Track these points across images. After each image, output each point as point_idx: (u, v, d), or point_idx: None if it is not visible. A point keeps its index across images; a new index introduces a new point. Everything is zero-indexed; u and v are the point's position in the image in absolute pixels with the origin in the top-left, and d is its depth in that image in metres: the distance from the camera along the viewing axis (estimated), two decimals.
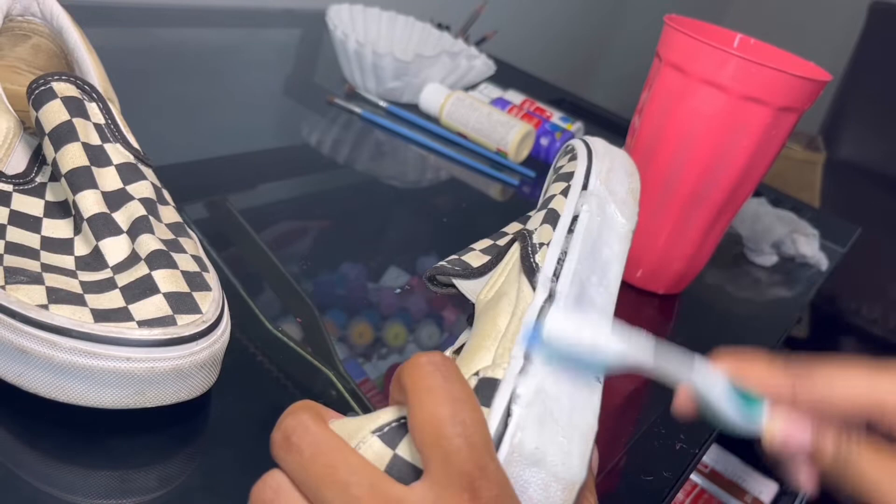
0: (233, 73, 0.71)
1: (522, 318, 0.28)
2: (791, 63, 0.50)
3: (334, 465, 0.21)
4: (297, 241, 0.49)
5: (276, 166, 0.57)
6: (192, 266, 0.32)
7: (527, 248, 0.33)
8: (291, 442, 0.21)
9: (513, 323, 0.28)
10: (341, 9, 0.77)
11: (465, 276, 0.35)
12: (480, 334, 0.29)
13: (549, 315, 0.27)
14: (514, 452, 0.23)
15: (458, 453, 0.20)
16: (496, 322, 0.29)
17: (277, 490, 0.21)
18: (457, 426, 0.21)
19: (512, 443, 0.24)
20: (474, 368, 0.27)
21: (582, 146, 0.40)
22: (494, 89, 0.80)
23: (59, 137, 0.33)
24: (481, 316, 0.31)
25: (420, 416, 0.21)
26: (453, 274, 0.35)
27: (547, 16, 1.52)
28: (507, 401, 0.24)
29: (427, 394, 0.21)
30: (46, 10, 0.41)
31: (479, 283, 0.35)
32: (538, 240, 0.33)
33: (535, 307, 0.29)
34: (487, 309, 0.31)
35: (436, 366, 0.22)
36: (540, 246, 0.33)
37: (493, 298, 0.32)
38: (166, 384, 0.28)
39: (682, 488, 0.54)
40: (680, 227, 0.52)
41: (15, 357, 0.27)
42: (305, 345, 0.39)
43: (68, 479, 0.27)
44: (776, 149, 0.49)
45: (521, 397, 0.25)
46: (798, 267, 0.69)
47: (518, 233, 0.35)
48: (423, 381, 0.22)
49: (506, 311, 0.30)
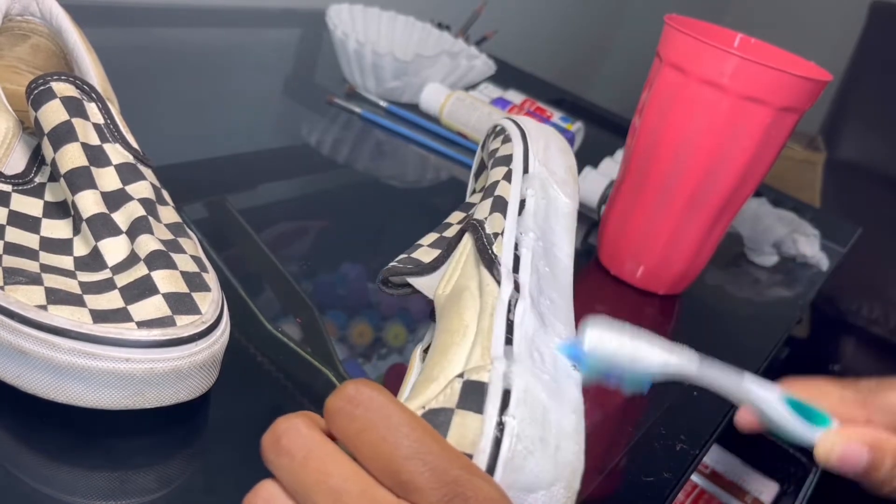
0: (232, 73, 0.71)
1: (493, 313, 0.28)
2: (791, 63, 0.50)
3: (327, 471, 0.20)
4: (297, 241, 0.49)
5: (276, 166, 0.57)
6: (191, 266, 0.31)
7: (482, 239, 0.32)
8: (282, 444, 0.21)
9: (483, 319, 0.28)
10: (341, 8, 0.77)
11: (419, 273, 0.35)
12: (448, 331, 0.29)
13: (588, 328, 0.27)
14: (514, 458, 0.23)
15: (422, 477, 0.20)
16: (462, 317, 0.29)
17: (269, 500, 0.21)
18: (409, 459, 0.20)
19: (510, 447, 0.23)
20: (451, 368, 0.26)
21: (513, 127, 0.40)
22: (494, 89, 0.80)
23: (59, 137, 0.32)
24: (445, 312, 0.31)
25: (370, 462, 0.21)
26: (406, 273, 0.35)
27: (547, 16, 1.52)
28: (498, 405, 0.24)
29: (362, 435, 0.21)
30: (45, 9, 0.41)
31: (434, 277, 0.34)
32: (491, 230, 0.33)
33: (503, 301, 0.29)
34: (450, 304, 0.31)
35: (353, 402, 0.21)
36: (495, 236, 0.32)
37: (454, 293, 0.31)
38: (165, 385, 0.28)
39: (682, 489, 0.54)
40: (680, 227, 0.52)
41: (14, 358, 0.27)
42: (305, 345, 0.39)
43: (67, 480, 0.27)
44: (776, 149, 0.49)
45: (512, 400, 0.24)
46: (798, 267, 0.69)
47: (467, 224, 0.35)
48: (351, 425, 0.21)
49: (470, 305, 0.29)
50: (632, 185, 0.52)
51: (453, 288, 0.32)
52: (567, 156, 0.38)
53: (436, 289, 0.33)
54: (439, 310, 0.31)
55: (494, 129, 0.42)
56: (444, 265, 0.34)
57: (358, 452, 0.21)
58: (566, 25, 1.61)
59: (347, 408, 0.21)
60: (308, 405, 0.35)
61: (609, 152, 0.71)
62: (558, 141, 0.39)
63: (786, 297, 0.65)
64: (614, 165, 0.67)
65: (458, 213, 0.38)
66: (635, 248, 0.54)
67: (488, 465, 0.23)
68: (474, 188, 0.46)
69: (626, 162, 0.53)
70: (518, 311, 0.28)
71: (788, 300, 0.64)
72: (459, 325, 0.28)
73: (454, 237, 0.35)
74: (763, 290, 0.64)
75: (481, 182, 0.44)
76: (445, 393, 0.25)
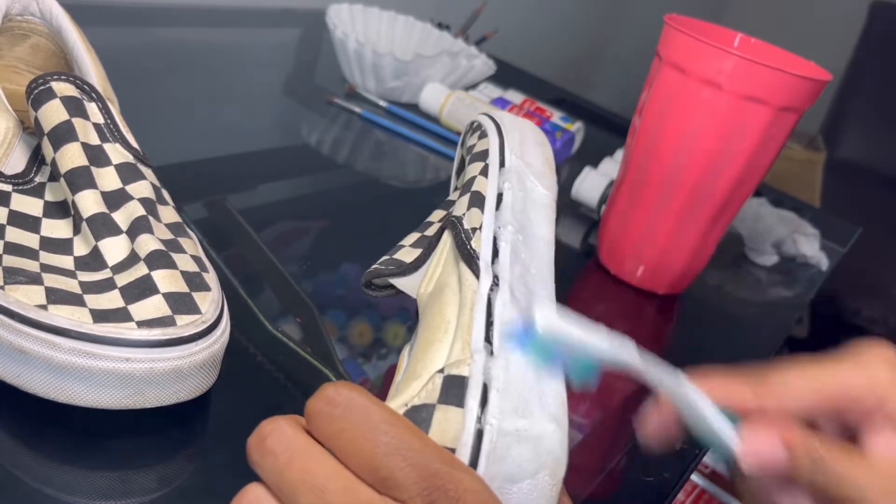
0: (233, 73, 0.71)
1: (473, 307, 0.28)
2: (791, 63, 0.50)
3: (310, 469, 0.20)
4: (297, 241, 0.49)
5: (276, 166, 0.57)
6: (191, 266, 0.31)
7: (460, 235, 0.32)
8: (266, 445, 0.21)
9: (464, 314, 0.28)
10: (341, 8, 0.77)
11: (401, 274, 0.35)
12: (431, 328, 0.29)
13: (538, 311, 0.27)
14: (496, 449, 0.23)
15: (402, 472, 0.20)
16: (444, 314, 0.29)
17: (255, 502, 0.21)
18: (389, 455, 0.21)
19: (492, 439, 0.23)
20: (433, 364, 0.26)
21: (489, 122, 0.40)
22: (494, 89, 0.80)
23: (59, 137, 0.32)
24: (427, 309, 0.31)
25: (351, 460, 0.21)
26: (388, 274, 0.35)
27: (547, 15, 1.52)
28: (478, 398, 0.24)
29: (342, 435, 0.21)
30: (45, 9, 0.41)
31: (417, 277, 0.34)
32: (469, 225, 0.33)
33: (482, 295, 0.29)
34: (432, 302, 0.31)
35: (332, 404, 0.21)
36: (473, 231, 0.32)
37: (435, 290, 0.31)
38: (166, 384, 0.28)
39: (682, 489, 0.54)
40: (680, 226, 0.52)
41: (14, 357, 0.27)
42: (305, 345, 0.39)
43: (67, 480, 0.27)
44: (776, 149, 0.49)
45: (492, 392, 0.24)
46: (798, 267, 0.69)
47: (446, 220, 0.35)
48: (331, 426, 0.21)
49: (451, 301, 0.29)
50: (632, 185, 0.52)
51: (435, 286, 0.32)
52: (544, 147, 0.38)
53: (418, 288, 0.33)
54: (422, 308, 0.31)
55: (472, 125, 0.42)
56: (426, 264, 0.34)
57: (339, 452, 0.21)
58: (566, 25, 1.61)
59: (326, 409, 0.21)
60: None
61: (609, 152, 0.71)
62: (535, 133, 0.39)
63: (786, 297, 0.65)
64: (614, 165, 0.67)
65: (440, 212, 0.38)
66: (635, 247, 0.54)
67: (471, 458, 0.23)
68: (456, 185, 0.46)
69: (626, 162, 0.53)
70: (497, 303, 0.28)
71: (788, 300, 0.64)
72: (441, 321, 0.28)
73: (434, 235, 0.35)
74: (763, 290, 0.64)
75: (461, 179, 0.44)
76: (427, 389, 0.25)
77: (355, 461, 0.21)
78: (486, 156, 0.37)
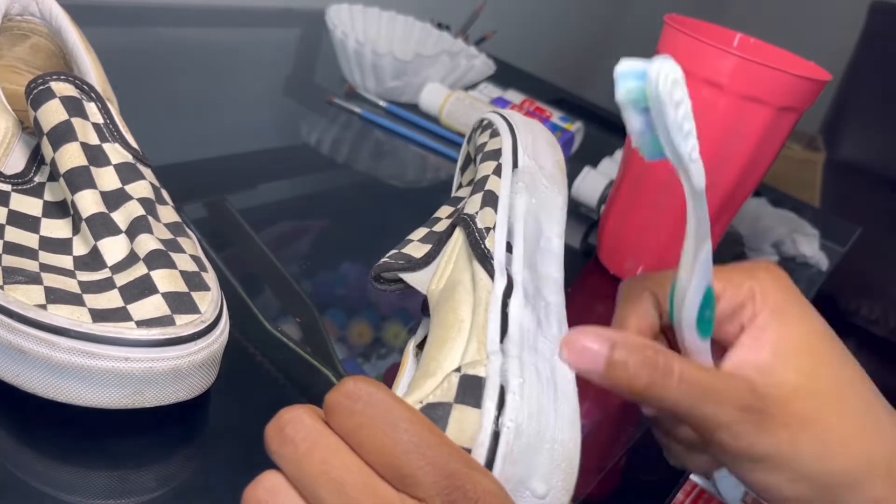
0: (233, 73, 0.71)
1: (487, 307, 0.28)
2: (791, 63, 0.50)
3: (330, 461, 0.20)
4: (297, 241, 0.49)
5: (275, 166, 0.57)
6: (190, 266, 0.31)
7: (474, 234, 0.32)
8: (286, 434, 0.21)
9: (478, 313, 0.28)
10: (341, 8, 0.77)
11: (411, 269, 0.35)
12: (443, 325, 0.29)
13: (663, 61, 0.23)
14: (512, 451, 0.23)
15: (422, 471, 0.20)
16: (457, 312, 0.29)
17: (272, 490, 0.21)
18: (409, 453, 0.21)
19: (508, 441, 0.23)
20: (448, 363, 0.26)
21: (501, 121, 0.40)
22: (494, 89, 0.80)
23: (58, 137, 0.32)
24: (439, 306, 0.31)
25: (370, 456, 0.21)
26: (398, 268, 0.35)
27: (547, 15, 1.52)
28: (496, 400, 0.24)
29: (361, 430, 0.21)
30: (45, 9, 0.41)
31: (427, 273, 0.34)
32: (482, 224, 0.33)
33: (497, 296, 0.29)
34: (444, 299, 0.31)
35: (352, 398, 0.21)
36: (487, 231, 0.32)
37: (447, 287, 0.31)
38: (165, 384, 0.28)
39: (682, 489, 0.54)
40: (680, 226, 0.51)
41: (13, 357, 0.27)
42: (305, 345, 0.39)
43: (67, 479, 0.27)
44: (776, 149, 0.49)
45: (509, 394, 0.24)
46: (798, 267, 0.69)
47: (457, 218, 0.35)
48: (350, 420, 0.21)
49: (465, 300, 0.29)
50: (631, 185, 0.52)
51: (446, 283, 0.32)
52: (555, 149, 0.38)
53: (428, 284, 0.33)
54: (433, 305, 0.31)
55: (481, 122, 0.42)
56: (436, 260, 0.34)
57: (358, 447, 0.21)
58: (566, 25, 1.61)
59: (346, 403, 0.21)
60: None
61: (609, 152, 0.71)
62: (545, 135, 0.39)
63: None
64: (614, 165, 0.67)
65: (447, 208, 0.38)
66: (635, 247, 0.54)
67: (487, 458, 0.23)
68: (461, 182, 0.45)
69: (626, 161, 0.53)
70: (512, 305, 0.28)
71: None
72: (455, 319, 0.28)
73: (444, 232, 0.35)
74: None
75: (468, 176, 0.44)
76: (443, 387, 0.25)
77: (374, 457, 0.21)
78: (499, 155, 0.37)
